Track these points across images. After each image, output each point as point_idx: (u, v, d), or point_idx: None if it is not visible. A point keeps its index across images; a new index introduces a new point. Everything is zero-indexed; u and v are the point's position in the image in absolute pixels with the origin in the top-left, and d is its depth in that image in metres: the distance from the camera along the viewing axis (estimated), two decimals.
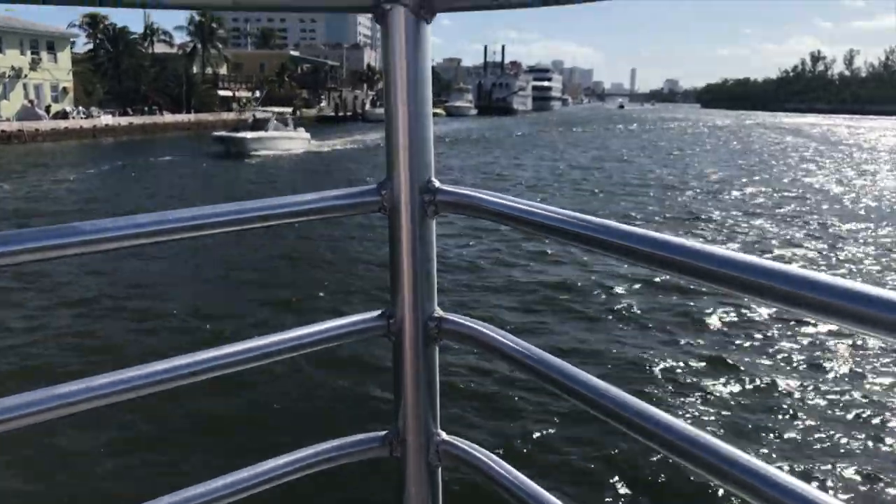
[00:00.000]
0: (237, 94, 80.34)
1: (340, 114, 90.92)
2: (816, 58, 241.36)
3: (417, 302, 1.14)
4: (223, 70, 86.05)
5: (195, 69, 78.16)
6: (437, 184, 1.11)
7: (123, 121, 59.43)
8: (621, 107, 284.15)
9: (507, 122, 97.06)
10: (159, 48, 77.88)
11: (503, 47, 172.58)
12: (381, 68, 1.06)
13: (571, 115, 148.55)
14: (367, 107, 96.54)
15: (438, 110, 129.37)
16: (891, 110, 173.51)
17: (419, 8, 0.98)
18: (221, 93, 78.03)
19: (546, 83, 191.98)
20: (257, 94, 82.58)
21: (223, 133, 42.65)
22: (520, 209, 1.03)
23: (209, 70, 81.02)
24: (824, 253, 16.57)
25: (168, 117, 64.67)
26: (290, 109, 54.38)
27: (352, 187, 1.12)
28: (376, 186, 1.12)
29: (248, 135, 40.68)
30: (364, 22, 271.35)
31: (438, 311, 1.17)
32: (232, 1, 0.90)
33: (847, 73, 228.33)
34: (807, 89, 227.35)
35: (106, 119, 57.85)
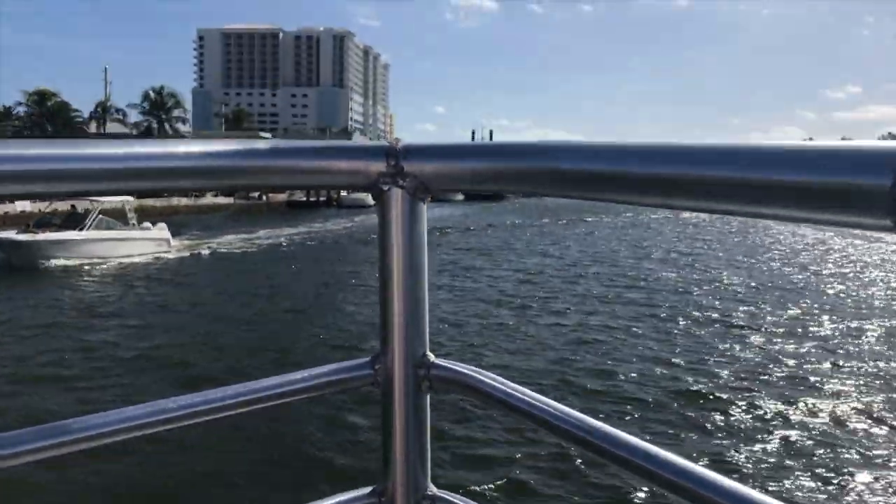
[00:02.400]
0: None
1: (313, 199, 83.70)
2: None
3: (409, 477, 1.11)
4: None
5: None
6: (432, 358, 1.09)
7: (46, 207, 51.44)
8: None
9: (491, 210, 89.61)
10: (114, 127, 71.30)
11: (491, 132, 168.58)
12: (378, 243, 1.07)
13: (562, 200, 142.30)
14: (343, 192, 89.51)
15: None
16: None
17: (415, 189, 1.01)
18: None
19: None
20: None
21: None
22: (518, 398, 1.00)
23: None
24: None
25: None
26: (129, 198, 32.65)
27: (342, 362, 1.11)
28: (369, 360, 1.10)
29: (41, 236, 26.44)
30: (356, 108, 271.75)
31: (432, 488, 1.14)
32: (231, 185, 0.95)
33: None
34: None
35: (22, 206, 50.00)
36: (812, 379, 12.90)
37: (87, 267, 26.73)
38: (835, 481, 8.78)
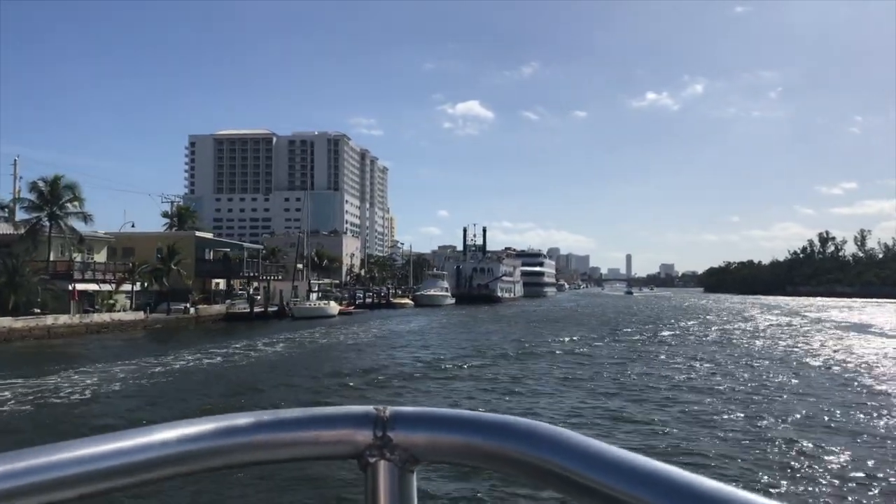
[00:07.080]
0: (102, 286, 58.40)
1: (259, 309, 68.27)
2: (825, 238, 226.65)
3: None
4: (101, 256, 64.96)
5: (52, 255, 56.80)
6: None
7: None
8: (629, 293, 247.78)
9: (480, 317, 73.71)
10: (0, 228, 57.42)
11: (484, 229, 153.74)
12: None
13: (569, 303, 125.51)
14: (300, 300, 74.29)
15: (405, 300, 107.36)
16: None
17: (404, 462, 0.96)
18: (81, 287, 55.94)
19: (537, 268, 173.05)
20: (128, 286, 61.33)
21: None
22: None
23: (76, 255, 59.76)
24: None
25: None
26: None
27: None
28: None
29: None
30: (351, 210, 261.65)
31: None
32: (210, 468, 0.89)
33: (860, 254, 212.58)
34: (820, 271, 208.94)
35: None
36: None
37: None
38: None
